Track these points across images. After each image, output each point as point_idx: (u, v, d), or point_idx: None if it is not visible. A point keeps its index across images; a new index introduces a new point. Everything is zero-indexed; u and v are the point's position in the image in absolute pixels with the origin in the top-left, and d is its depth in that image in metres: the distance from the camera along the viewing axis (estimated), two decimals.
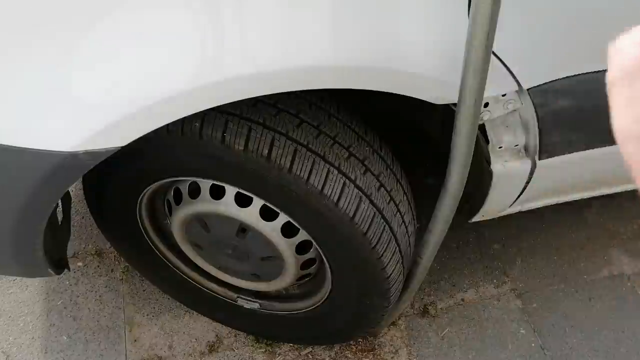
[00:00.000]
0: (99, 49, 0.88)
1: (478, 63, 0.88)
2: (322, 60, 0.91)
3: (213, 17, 0.88)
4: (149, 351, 1.67)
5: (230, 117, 1.06)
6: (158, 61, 0.88)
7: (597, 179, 1.44)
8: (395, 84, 0.99)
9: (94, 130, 0.89)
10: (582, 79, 1.10)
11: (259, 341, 1.69)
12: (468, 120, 0.97)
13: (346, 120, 1.20)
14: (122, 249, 1.59)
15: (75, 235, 1.90)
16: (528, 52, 1.04)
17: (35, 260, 1.17)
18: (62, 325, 1.71)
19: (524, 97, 1.10)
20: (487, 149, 1.19)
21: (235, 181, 1.16)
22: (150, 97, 0.88)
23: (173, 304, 1.76)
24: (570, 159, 1.23)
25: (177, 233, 1.40)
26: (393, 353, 1.69)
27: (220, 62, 0.88)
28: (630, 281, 1.87)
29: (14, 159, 0.92)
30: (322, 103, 1.18)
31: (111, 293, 1.78)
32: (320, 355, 1.68)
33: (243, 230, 1.28)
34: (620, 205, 2.07)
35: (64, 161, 0.91)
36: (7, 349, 1.66)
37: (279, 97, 1.11)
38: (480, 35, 0.84)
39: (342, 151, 1.14)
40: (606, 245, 1.96)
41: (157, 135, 0.96)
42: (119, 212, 1.38)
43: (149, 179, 1.24)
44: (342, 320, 1.48)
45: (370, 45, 0.92)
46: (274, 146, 1.06)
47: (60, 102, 0.89)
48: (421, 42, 0.95)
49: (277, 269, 1.39)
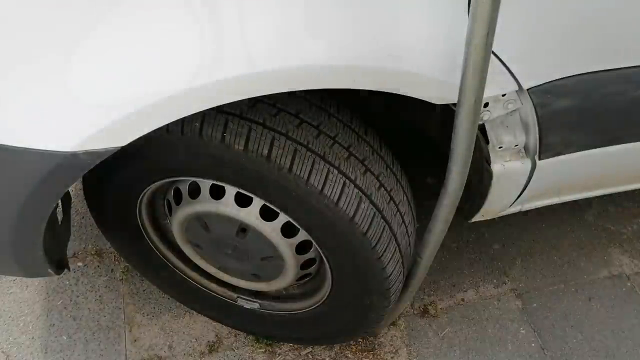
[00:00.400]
0: (99, 49, 0.88)
1: (478, 62, 0.88)
2: (321, 60, 0.91)
3: (212, 17, 0.88)
4: (149, 351, 1.67)
5: (230, 117, 1.06)
6: (158, 61, 0.88)
7: (597, 179, 1.44)
8: (394, 84, 0.98)
9: (94, 130, 0.89)
10: (582, 79, 1.10)
11: (259, 341, 1.69)
12: (468, 119, 0.97)
13: (346, 120, 1.20)
14: (122, 249, 1.59)
15: (75, 235, 1.91)
16: (528, 52, 1.04)
17: (35, 260, 1.17)
18: (62, 325, 1.71)
19: (524, 97, 1.10)
20: (487, 149, 1.19)
21: (235, 181, 1.16)
22: (150, 97, 0.88)
23: (173, 304, 1.76)
24: (570, 159, 1.23)
25: (177, 233, 1.40)
26: (393, 353, 1.69)
27: (219, 62, 0.88)
28: (630, 281, 1.87)
29: (14, 159, 0.92)
30: (322, 103, 1.18)
31: (111, 293, 1.78)
32: (320, 355, 1.68)
33: (243, 230, 1.28)
34: (620, 205, 2.07)
35: (64, 161, 0.91)
36: (7, 349, 1.66)
37: (278, 97, 1.11)
38: (480, 34, 0.84)
39: (342, 151, 1.14)
40: (606, 245, 1.96)
41: (157, 135, 0.96)
42: (119, 212, 1.38)
43: (149, 179, 1.24)
44: (342, 320, 1.48)
45: (370, 45, 0.92)
46: (274, 146, 1.06)
47: (60, 102, 0.89)
48: (421, 41, 0.95)
49: (277, 269, 1.39)
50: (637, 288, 1.85)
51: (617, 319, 1.77)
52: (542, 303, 1.81)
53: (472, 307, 1.79)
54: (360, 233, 1.15)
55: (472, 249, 1.94)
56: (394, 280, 1.29)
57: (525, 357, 1.69)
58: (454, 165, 1.07)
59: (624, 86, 1.15)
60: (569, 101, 1.12)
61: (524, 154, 1.22)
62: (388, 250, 1.21)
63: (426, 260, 1.34)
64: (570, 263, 1.91)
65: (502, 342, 1.72)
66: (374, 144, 1.23)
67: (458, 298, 1.81)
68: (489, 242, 1.96)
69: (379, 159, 1.22)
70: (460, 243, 1.95)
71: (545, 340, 1.72)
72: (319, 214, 1.13)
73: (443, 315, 1.77)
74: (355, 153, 1.16)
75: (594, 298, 1.82)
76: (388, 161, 1.26)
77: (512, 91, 1.08)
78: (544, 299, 1.81)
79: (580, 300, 1.81)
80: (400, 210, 1.25)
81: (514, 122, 1.16)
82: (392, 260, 1.23)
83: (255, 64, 0.88)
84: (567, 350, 1.71)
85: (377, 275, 1.25)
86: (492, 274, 1.88)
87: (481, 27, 0.83)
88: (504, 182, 1.25)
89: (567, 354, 1.70)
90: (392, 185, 1.24)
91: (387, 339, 1.72)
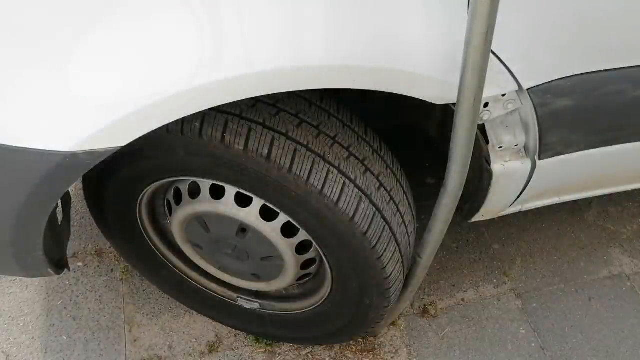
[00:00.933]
0: (99, 49, 0.88)
1: (477, 61, 0.88)
2: (320, 60, 0.91)
3: (212, 17, 0.88)
4: (149, 351, 1.67)
5: (230, 117, 1.06)
6: (158, 61, 0.88)
7: (596, 179, 1.44)
8: (394, 84, 0.98)
9: (94, 130, 0.89)
10: (582, 79, 1.10)
11: (259, 341, 1.69)
12: (467, 118, 0.97)
13: (346, 120, 1.20)
14: (122, 249, 1.59)
15: (75, 235, 1.91)
16: (528, 52, 1.04)
17: (35, 260, 1.17)
18: (62, 325, 1.71)
19: (524, 97, 1.10)
20: (487, 149, 1.19)
21: (235, 181, 1.16)
22: (150, 97, 0.88)
23: (173, 304, 1.76)
24: (570, 159, 1.23)
25: (177, 233, 1.40)
26: (393, 353, 1.69)
27: (219, 62, 0.88)
28: (630, 281, 1.87)
29: (14, 159, 0.92)
30: (322, 103, 1.18)
31: (111, 293, 1.78)
32: (320, 355, 1.68)
33: (243, 230, 1.28)
34: (620, 205, 2.07)
35: (64, 161, 0.91)
36: (7, 349, 1.66)
37: (278, 97, 1.11)
38: (480, 32, 0.84)
39: (342, 151, 1.14)
40: (606, 245, 1.96)
41: (157, 135, 0.96)
42: (119, 212, 1.38)
43: (149, 179, 1.24)
44: (342, 320, 1.48)
45: (369, 45, 0.93)
46: (273, 146, 1.06)
47: (60, 102, 0.89)
48: (420, 41, 0.95)
49: (277, 269, 1.39)
50: (637, 288, 1.85)
51: (617, 319, 1.78)
52: (542, 303, 1.81)
53: (472, 307, 1.79)
54: (360, 233, 1.15)
55: (472, 249, 1.94)
56: (394, 280, 1.29)
57: (525, 357, 1.69)
58: (454, 165, 1.07)
59: (623, 86, 1.15)
60: (569, 101, 1.12)
61: (524, 154, 1.22)
62: (388, 250, 1.21)
63: (426, 260, 1.34)
64: (570, 263, 1.91)
65: (502, 342, 1.72)
66: (373, 144, 1.23)
67: (458, 298, 1.82)
68: (489, 242, 1.96)
69: (378, 159, 1.22)
70: (460, 243, 1.95)
71: (545, 340, 1.72)
72: (319, 214, 1.13)
73: (443, 315, 1.77)
74: (355, 153, 1.16)
75: (594, 298, 1.82)
76: (388, 161, 1.26)
77: (512, 91, 1.08)
78: (544, 299, 1.81)
79: (580, 300, 1.81)
80: (400, 210, 1.25)
81: (514, 122, 1.16)
82: (392, 260, 1.23)
83: (255, 64, 0.88)
84: (567, 350, 1.71)
85: (377, 275, 1.25)
86: (492, 274, 1.88)
87: (480, 25, 0.83)
88: (504, 182, 1.25)
89: (567, 354, 1.70)
90: (392, 185, 1.24)
91: (387, 339, 1.72)
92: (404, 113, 1.49)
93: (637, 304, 1.81)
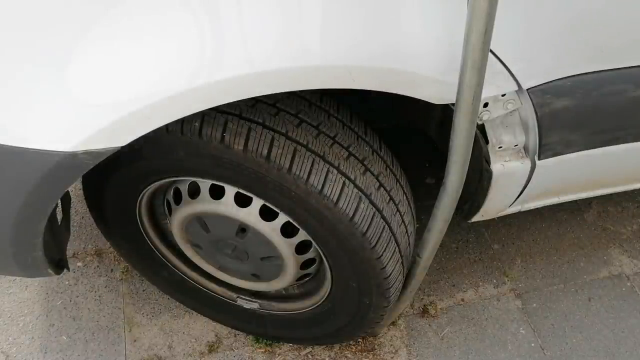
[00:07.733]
0: (98, 49, 0.88)
1: (476, 60, 0.88)
2: (320, 60, 0.91)
3: (212, 17, 0.89)
4: (148, 351, 1.67)
5: (230, 117, 1.06)
6: (157, 61, 0.88)
7: (596, 179, 1.44)
8: (394, 84, 0.99)
9: (94, 130, 0.89)
10: (582, 79, 1.10)
11: (258, 341, 1.69)
12: (466, 117, 0.97)
13: (346, 120, 1.20)
14: (122, 249, 1.59)
15: (75, 235, 1.91)
16: (528, 52, 1.04)
17: (35, 260, 1.17)
18: (62, 325, 1.71)
19: (523, 97, 1.10)
20: (487, 149, 1.19)
21: (235, 181, 1.16)
22: (150, 97, 0.88)
23: (173, 304, 1.76)
24: (570, 159, 1.23)
25: (176, 233, 1.40)
26: (393, 353, 1.69)
27: (219, 62, 0.88)
28: (630, 281, 1.87)
29: (14, 159, 0.92)
30: (321, 103, 1.18)
31: (111, 293, 1.78)
32: (320, 355, 1.68)
33: (243, 230, 1.28)
34: (620, 205, 2.07)
35: (64, 161, 0.91)
36: (7, 349, 1.66)
37: (278, 97, 1.11)
38: (478, 31, 0.84)
39: (342, 151, 1.14)
40: (606, 245, 1.96)
41: (157, 135, 0.96)
42: (118, 212, 1.38)
43: (149, 179, 1.24)
44: (342, 320, 1.48)
45: (368, 45, 0.93)
46: (273, 146, 1.06)
47: (60, 102, 0.89)
48: (420, 41, 0.95)
49: (277, 269, 1.39)
50: (636, 288, 1.85)
51: (617, 319, 1.78)
52: (542, 303, 1.81)
53: (472, 307, 1.79)
54: (360, 233, 1.15)
55: (472, 249, 1.94)
56: (394, 280, 1.29)
57: (525, 357, 1.69)
58: (453, 165, 1.07)
59: (623, 86, 1.15)
60: (568, 101, 1.12)
61: (523, 154, 1.22)
62: (388, 250, 1.21)
63: (426, 260, 1.34)
64: (570, 263, 1.91)
65: (501, 342, 1.72)
66: (373, 144, 1.23)
67: (458, 298, 1.82)
68: (489, 242, 1.96)
69: (378, 159, 1.22)
70: (460, 243, 1.95)
71: (545, 340, 1.72)
72: (319, 214, 1.13)
73: (443, 315, 1.77)
74: (354, 153, 1.16)
75: (594, 298, 1.82)
76: (388, 161, 1.26)
77: (511, 91, 1.08)
78: (543, 299, 1.81)
79: (580, 300, 1.81)
80: (399, 210, 1.25)
81: (514, 122, 1.16)
82: (391, 260, 1.24)
83: (255, 64, 0.88)
84: (567, 350, 1.71)
85: (377, 275, 1.25)
86: (492, 274, 1.88)
87: (479, 23, 0.83)
88: (504, 182, 1.25)
89: (567, 354, 1.70)
90: (392, 185, 1.24)
91: (387, 339, 1.72)
92: (404, 113, 1.49)
93: (637, 304, 1.81)
